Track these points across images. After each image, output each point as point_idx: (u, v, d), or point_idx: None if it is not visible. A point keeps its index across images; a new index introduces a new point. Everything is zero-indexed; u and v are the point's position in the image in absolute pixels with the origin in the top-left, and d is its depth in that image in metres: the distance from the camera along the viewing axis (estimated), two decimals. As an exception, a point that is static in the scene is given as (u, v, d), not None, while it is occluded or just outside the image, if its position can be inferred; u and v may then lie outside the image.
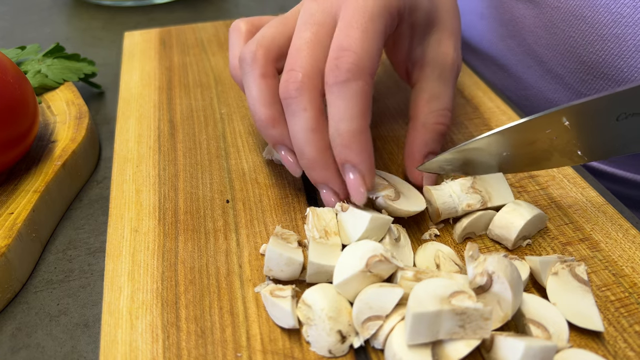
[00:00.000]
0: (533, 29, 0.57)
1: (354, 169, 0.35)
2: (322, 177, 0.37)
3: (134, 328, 0.32)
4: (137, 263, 0.36)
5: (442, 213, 0.38)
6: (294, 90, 0.35)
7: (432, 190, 0.38)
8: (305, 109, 0.35)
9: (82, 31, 0.80)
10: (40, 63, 0.57)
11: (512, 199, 0.38)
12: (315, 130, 0.35)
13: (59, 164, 0.44)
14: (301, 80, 0.35)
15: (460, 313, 0.28)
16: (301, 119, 0.36)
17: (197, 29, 0.69)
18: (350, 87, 0.34)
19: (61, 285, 0.39)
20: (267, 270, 0.34)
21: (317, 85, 0.36)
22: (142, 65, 0.60)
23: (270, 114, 0.38)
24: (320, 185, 0.37)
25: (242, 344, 0.31)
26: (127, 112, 0.52)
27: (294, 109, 0.36)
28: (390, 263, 0.31)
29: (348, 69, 0.34)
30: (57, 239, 0.43)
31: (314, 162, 0.36)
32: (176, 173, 0.44)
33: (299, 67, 0.36)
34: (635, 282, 0.35)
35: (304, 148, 0.36)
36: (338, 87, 0.34)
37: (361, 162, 0.35)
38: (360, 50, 0.34)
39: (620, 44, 0.49)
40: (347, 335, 0.31)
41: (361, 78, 0.34)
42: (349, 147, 0.34)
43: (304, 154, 0.36)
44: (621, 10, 0.48)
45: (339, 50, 0.34)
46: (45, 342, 0.35)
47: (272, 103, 0.38)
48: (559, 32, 0.54)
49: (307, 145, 0.36)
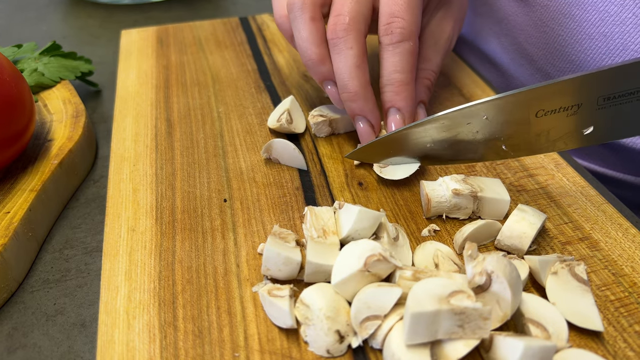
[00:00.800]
0: (524, 27, 0.57)
1: (399, 112, 0.42)
2: (362, 108, 0.42)
3: (131, 328, 0.32)
4: (134, 262, 0.36)
5: (432, 199, 0.38)
6: (341, 31, 0.41)
7: (425, 183, 0.40)
8: (351, 48, 0.41)
9: (79, 29, 0.80)
10: (36, 61, 0.56)
11: (506, 195, 0.39)
12: (359, 66, 0.41)
13: (55, 163, 0.44)
14: (348, 22, 0.41)
15: (459, 313, 0.28)
16: (347, 57, 0.41)
17: (195, 27, 0.68)
18: (402, 47, 0.41)
19: (58, 284, 0.39)
20: (265, 269, 0.34)
21: (361, 29, 0.41)
22: (139, 63, 0.60)
23: (320, 52, 0.43)
24: (358, 118, 0.43)
25: (239, 343, 0.31)
26: (124, 110, 0.52)
27: (341, 47, 0.41)
28: (389, 262, 0.31)
29: (400, 32, 0.41)
30: (53, 238, 0.42)
31: (356, 95, 0.41)
32: (173, 172, 0.44)
33: (346, 12, 0.41)
34: (635, 282, 0.35)
35: (348, 82, 0.41)
36: (393, 47, 0.41)
37: (406, 107, 0.42)
38: (408, 16, 0.41)
39: (607, 42, 0.49)
40: (345, 335, 0.31)
41: (410, 39, 0.41)
42: (398, 94, 0.42)
43: (347, 87, 0.41)
44: (608, 9, 0.48)
45: (390, 17, 0.41)
46: (42, 342, 0.35)
47: (321, 43, 0.43)
48: (549, 30, 0.54)
49: (352, 80, 0.41)
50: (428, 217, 0.40)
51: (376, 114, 0.43)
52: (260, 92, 0.55)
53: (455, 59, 0.61)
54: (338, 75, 0.42)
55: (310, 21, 0.42)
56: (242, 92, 0.55)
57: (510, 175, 0.43)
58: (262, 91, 0.55)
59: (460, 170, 0.44)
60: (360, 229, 0.34)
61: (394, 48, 0.41)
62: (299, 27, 0.43)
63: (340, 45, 0.41)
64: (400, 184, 0.43)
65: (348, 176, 0.43)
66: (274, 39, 0.66)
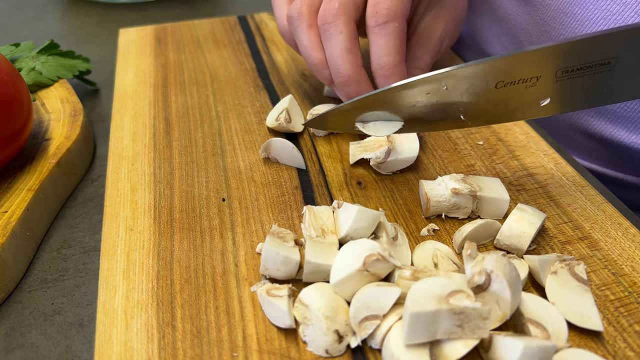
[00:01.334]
0: (525, 26, 0.57)
1: None
2: (356, 92, 0.42)
3: (129, 327, 0.32)
4: (132, 262, 0.36)
5: (431, 198, 0.38)
6: (331, 16, 0.41)
7: (424, 181, 0.40)
8: (341, 32, 0.41)
9: (77, 28, 0.80)
10: (34, 60, 0.56)
11: (506, 194, 0.39)
12: (350, 50, 0.41)
13: (53, 162, 0.44)
14: (337, 7, 0.41)
15: (458, 312, 0.28)
16: (338, 41, 0.41)
17: (193, 26, 0.68)
18: (388, 28, 0.41)
19: (55, 284, 0.39)
20: (264, 269, 0.34)
21: (352, 14, 0.42)
22: (137, 62, 0.60)
23: (320, 57, 0.43)
24: None
25: (238, 343, 0.31)
26: (122, 109, 0.52)
27: (331, 32, 0.41)
28: (388, 262, 0.31)
29: (385, 13, 0.40)
30: (51, 238, 0.42)
31: (349, 79, 0.41)
32: (172, 171, 0.44)
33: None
34: (635, 281, 0.35)
35: (340, 67, 0.41)
36: (379, 28, 0.41)
37: None
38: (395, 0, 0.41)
39: None
40: (344, 335, 0.31)
41: (396, 20, 0.41)
42: (389, 78, 0.41)
43: (340, 72, 0.41)
44: (610, 7, 0.48)
45: (376, 2, 0.41)
46: (40, 341, 0.35)
47: (320, 48, 0.43)
48: (550, 29, 0.54)
49: (344, 64, 0.41)
50: (427, 216, 0.39)
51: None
52: (258, 91, 0.55)
53: (454, 58, 0.61)
54: (330, 61, 0.42)
55: (308, 29, 0.43)
56: (241, 91, 0.55)
57: (509, 174, 0.43)
58: (261, 90, 0.55)
59: (460, 169, 0.44)
60: (359, 229, 0.34)
61: (380, 30, 0.41)
62: (300, 36, 0.44)
63: (331, 30, 0.41)
64: (399, 183, 0.43)
65: (347, 175, 0.43)
66: (272, 37, 0.65)
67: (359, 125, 0.40)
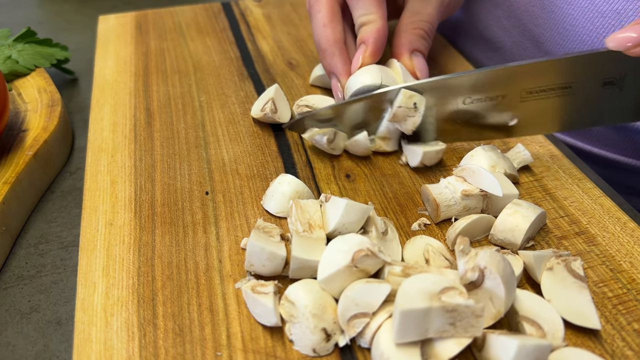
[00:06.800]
0: (529, 7, 0.56)
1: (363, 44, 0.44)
2: (330, 64, 0.45)
3: (109, 326, 0.31)
4: (112, 258, 0.35)
5: (440, 204, 0.38)
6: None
7: (429, 186, 0.39)
8: (319, 11, 0.45)
9: (55, 15, 0.79)
10: (10, 48, 0.56)
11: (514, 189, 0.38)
12: (326, 25, 0.45)
13: (30, 154, 0.43)
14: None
15: (450, 310, 0.28)
16: (316, 19, 0.45)
17: (175, 13, 0.67)
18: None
19: (32, 280, 0.38)
20: (249, 265, 0.33)
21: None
22: (117, 50, 0.59)
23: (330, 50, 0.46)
24: (330, 75, 0.46)
25: (222, 342, 0.31)
26: (102, 99, 0.51)
27: (313, 13, 0.46)
28: (377, 258, 0.31)
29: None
30: (28, 233, 0.42)
31: (325, 52, 0.45)
32: (153, 163, 0.43)
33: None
34: (634, 278, 0.35)
35: (319, 41, 0.45)
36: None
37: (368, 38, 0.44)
38: None
39: (620, 20, 0.48)
40: (332, 334, 0.30)
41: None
42: (366, 32, 0.44)
43: (319, 46, 0.46)
44: None
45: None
46: (16, 340, 0.35)
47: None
48: (557, 9, 0.53)
49: (321, 38, 0.45)
50: (437, 222, 0.39)
51: (341, 67, 0.45)
52: (243, 80, 0.54)
53: (446, 45, 0.60)
54: (314, 39, 0.46)
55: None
56: (225, 81, 0.54)
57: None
58: (246, 79, 0.54)
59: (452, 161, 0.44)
60: (347, 223, 0.34)
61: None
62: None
63: (312, 12, 0.46)
64: (389, 176, 0.42)
65: (335, 168, 0.43)
66: (257, 25, 0.65)
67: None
